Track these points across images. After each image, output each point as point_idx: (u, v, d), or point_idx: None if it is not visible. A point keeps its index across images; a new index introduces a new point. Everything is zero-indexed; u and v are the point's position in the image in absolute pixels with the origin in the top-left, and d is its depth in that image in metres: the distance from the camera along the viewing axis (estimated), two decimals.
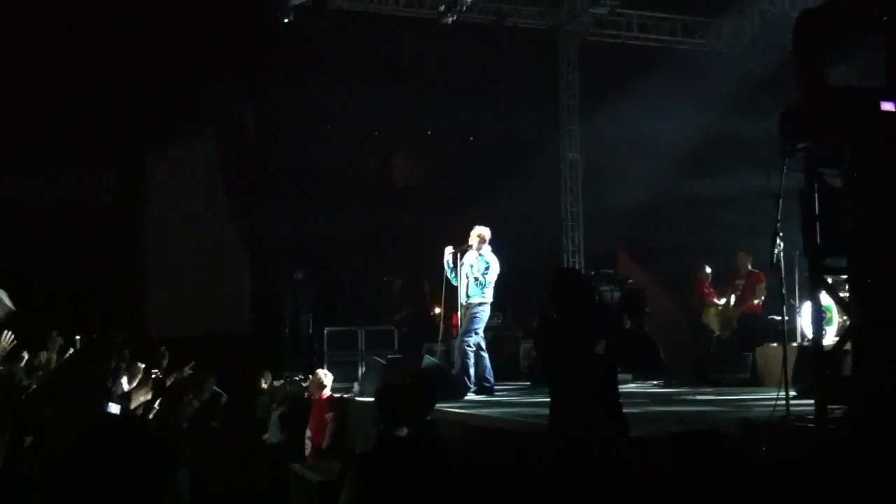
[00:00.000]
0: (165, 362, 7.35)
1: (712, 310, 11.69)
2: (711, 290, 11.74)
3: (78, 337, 6.24)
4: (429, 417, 5.64)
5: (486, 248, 9.33)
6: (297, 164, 15.35)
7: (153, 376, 6.44)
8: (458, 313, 9.73)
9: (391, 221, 16.34)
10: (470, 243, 9.36)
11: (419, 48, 14.36)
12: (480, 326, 9.26)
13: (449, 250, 9.49)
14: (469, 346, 9.18)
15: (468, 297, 9.27)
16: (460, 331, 9.43)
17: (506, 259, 9.47)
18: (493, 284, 9.26)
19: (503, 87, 15.47)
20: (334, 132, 15.64)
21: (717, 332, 11.52)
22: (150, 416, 5.89)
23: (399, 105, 15.29)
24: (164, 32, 14.14)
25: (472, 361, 9.18)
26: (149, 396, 5.89)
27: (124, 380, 6.61)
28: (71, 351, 6.17)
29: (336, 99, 15.32)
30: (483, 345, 9.37)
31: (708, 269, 11.87)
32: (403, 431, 5.35)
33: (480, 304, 9.22)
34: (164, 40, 14.22)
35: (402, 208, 16.38)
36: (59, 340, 7.01)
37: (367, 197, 16.35)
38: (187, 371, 7.32)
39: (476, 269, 9.23)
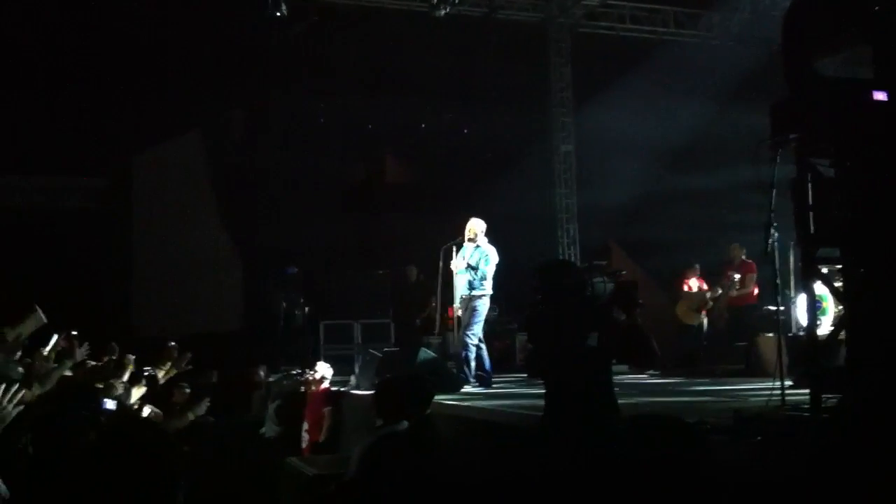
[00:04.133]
0: (174, 359, 7.34)
1: (683, 303, 11.85)
2: (692, 283, 11.85)
3: (56, 336, 6.23)
4: (427, 412, 5.65)
5: (483, 240, 9.35)
6: (285, 163, 15.37)
7: (146, 373, 6.45)
8: (455, 306, 9.74)
9: (383, 218, 16.37)
10: (467, 237, 9.38)
11: (408, 45, 14.37)
12: (481, 318, 9.27)
13: (446, 247, 9.54)
14: (471, 338, 9.19)
15: (470, 289, 9.27)
16: (463, 323, 9.42)
17: (501, 253, 9.48)
18: (492, 276, 9.27)
19: (495, 82, 15.50)
20: (324, 131, 15.65)
21: (692, 324, 11.70)
22: (146, 413, 5.91)
23: (390, 102, 15.31)
24: (150, 34, 14.09)
25: (472, 354, 9.19)
26: (143, 391, 5.89)
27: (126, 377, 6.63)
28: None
29: (326, 99, 15.34)
30: (482, 337, 9.38)
31: (696, 265, 11.97)
32: (403, 425, 5.37)
33: (482, 296, 9.22)
34: (150, 41, 14.17)
35: (394, 206, 16.40)
36: (60, 343, 7.02)
37: (357, 196, 16.36)
38: (185, 366, 7.32)
39: (474, 261, 9.25)
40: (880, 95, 4.79)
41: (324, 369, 10.09)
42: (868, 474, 3.84)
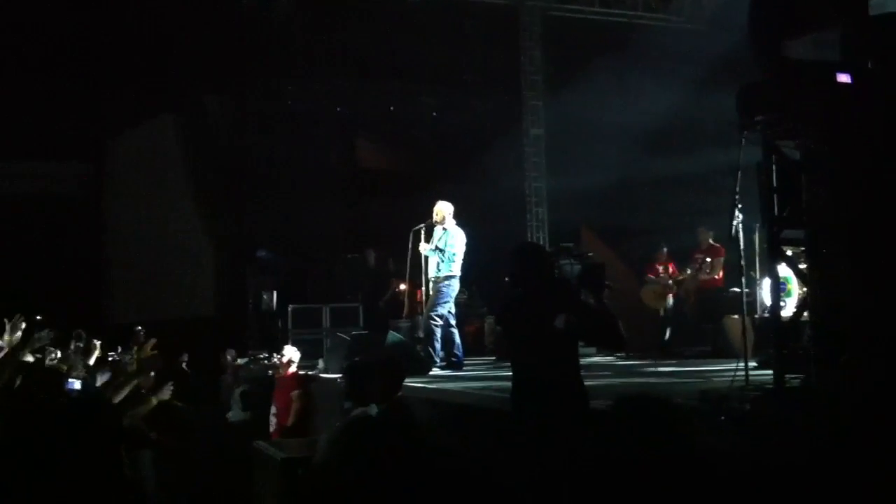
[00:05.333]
0: (140, 344, 7.29)
1: (648, 288, 11.96)
2: (660, 269, 11.94)
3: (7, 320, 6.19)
4: (399, 394, 5.63)
5: (451, 222, 9.36)
6: (259, 149, 15.26)
7: (111, 358, 6.39)
8: (423, 289, 9.74)
9: (357, 204, 16.31)
10: (434, 219, 9.38)
11: (381, 30, 14.30)
12: (448, 301, 9.26)
13: (416, 229, 9.53)
14: (435, 321, 9.18)
15: (437, 271, 9.27)
16: (427, 306, 9.44)
17: (471, 236, 9.48)
18: (460, 258, 9.27)
19: (466, 66, 15.46)
20: (296, 116, 15.54)
21: (657, 308, 11.81)
22: (111, 397, 5.85)
23: (361, 87, 15.22)
24: (125, 17, 13.90)
25: (437, 336, 9.19)
26: (107, 377, 5.85)
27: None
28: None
29: (298, 83, 15.22)
30: (452, 320, 9.38)
31: (665, 249, 12.06)
32: (373, 409, 5.34)
33: (448, 277, 9.23)
34: (125, 25, 13.97)
35: (367, 192, 16.35)
36: (22, 324, 6.95)
37: (330, 181, 16.28)
38: (150, 351, 7.26)
39: (442, 243, 9.25)
40: (844, 78, 4.82)
41: (291, 353, 10.05)
42: (834, 452, 3.88)
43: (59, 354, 6.67)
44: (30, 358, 5.76)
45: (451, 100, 16.19)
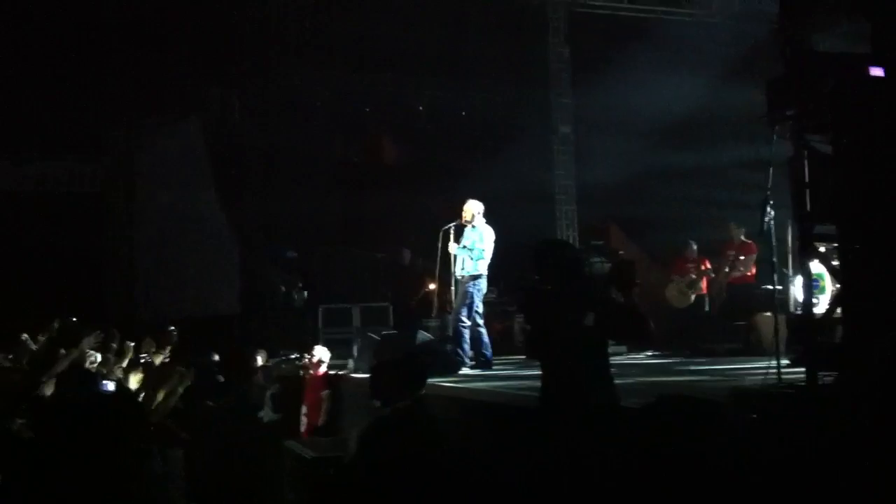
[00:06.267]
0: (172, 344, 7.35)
1: (673, 286, 11.83)
2: (688, 266, 11.83)
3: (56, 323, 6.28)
4: (422, 393, 5.64)
5: (480, 221, 9.33)
6: (283, 145, 15.31)
7: (143, 360, 6.46)
8: (453, 289, 9.73)
9: (381, 198, 16.32)
10: (464, 219, 9.36)
11: (405, 24, 14.27)
12: (475, 301, 9.23)
13: (445, 229, 9.53)
14: (463, 321, 9.16)
15: (463, 270, 9.25)
16: (455, 306, 9.42)
17: (499, 234, 9.45)
18: (488, 257, 9.23)
19: (492, 62, 15.40)
20: (320, 112, 15.58)
21: (682, 307, 11.68)
22: (144, 397, 5.91)
23: (387, 84, 15.22)
24: (145, 11, 14.02)
25: (466, 337, 9.17)
26: (139, 376, 5.91)
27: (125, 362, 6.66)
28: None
29: (325, 81, 15.26)
30: (480, 320, 9.36)
31: (694, 246, 11.93)
32: (396, 408, 5.36)
33: (474, 277, 9.19)
34: (149, 23, 14.09)
35: (392, 186, 16.36)
36: (55, 326, 7.03)
37: (355, 178, 16.31)
38: (165, 357, 7.30)
39: (470, 242, 9.23)
40: (877, 71, 4.75)
41: (321, 353, 10.10)
42: (865, 451, 3.83)
43: (98, 358, 6.75)
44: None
45: (478, 95, 16.16)
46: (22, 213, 14.99)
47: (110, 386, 5.81)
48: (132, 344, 7.07)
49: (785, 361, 5.88)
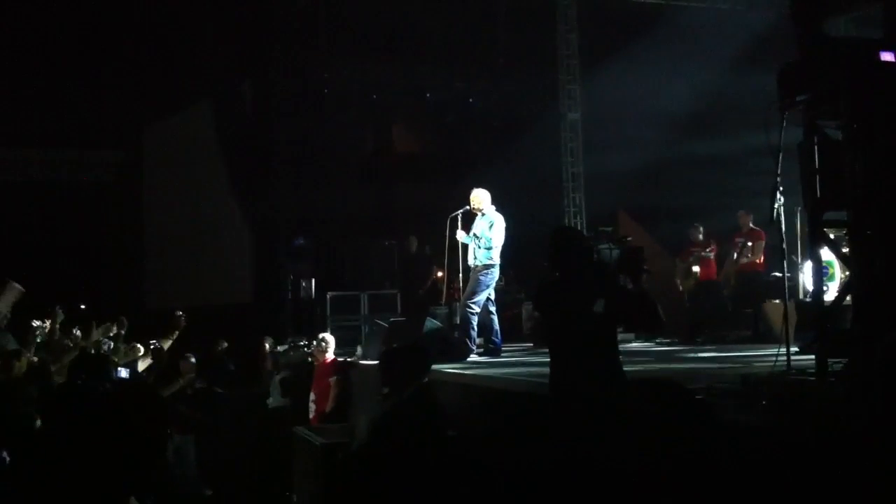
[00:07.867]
0: (180, 328, 7.36)
1: (679, 269, 11.89)
2: (694, 250, 11.85)
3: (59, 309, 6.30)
4: (426, 380, 5.64)
5: (490, 209, 9.25)
6: (295, 134, 15.32)
7: (151, 346, 6.49)
8: (461, 276, 9.70)
9: (391, 189, 16.33)
10: (473, 206, 9.30)
11: (416, 13, 14.24)
12: (485, 290, 9.18)
13: (453, 216, 9.49)
14: (471, 309, 9.12)
15: (475, 260, 9.19)
16: (464, 294, 9.39)
17: (508, 222, 9.40)
18: (499, 246, 9.16)
19: (501, 50, 15.36)
20: (332, 101, 15.57)
21: (685, 289, 11.70)
22: (154, 382, 5.96)
23: (397, 72, 15.19)
24: (160, 4, 14.03)
25: (474, 324, 9.14)
26: (148, 362, 5.95)
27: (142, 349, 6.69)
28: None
29: (333, 68, 15.24)
30: (492, 307, 9.33)
31: (700, 229, 11.92)
32: (403, 395, 5.39)
33: (486, 267, 9.11)
34: (160, 13, 14.09)
35: (403, 175, 16.35)
36: (61, 314, 7.06)
37: (366, 166, 16.31)
38: (168, 343, 7.31)
39: (479, 230, 9.18)
40: (888, 56, 4.72)
41: (328, 340, 10.12)
42: (875, 438, 3.81)
43: (111, 346, 6.78)
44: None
45: (487, 84, 16.13)
46: (33, 200, 15.04)
47: (123, 373, 5.85)
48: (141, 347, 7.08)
49: (794, 348, 5.87)
